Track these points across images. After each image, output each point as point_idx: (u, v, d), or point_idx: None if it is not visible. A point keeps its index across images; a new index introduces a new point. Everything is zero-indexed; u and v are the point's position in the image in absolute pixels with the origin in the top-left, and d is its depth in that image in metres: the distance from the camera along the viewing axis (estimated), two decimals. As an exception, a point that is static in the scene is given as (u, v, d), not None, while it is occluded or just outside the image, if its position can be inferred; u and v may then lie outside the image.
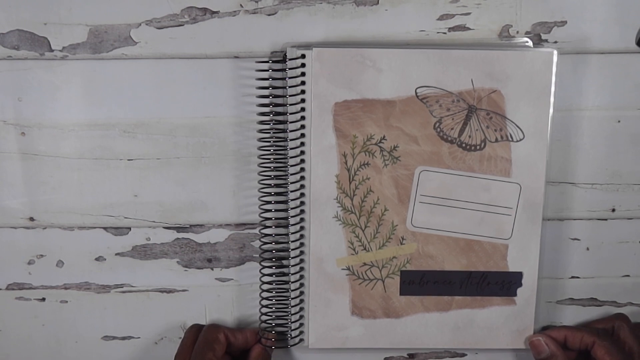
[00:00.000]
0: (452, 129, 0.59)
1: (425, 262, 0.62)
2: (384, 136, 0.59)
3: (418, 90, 0.58)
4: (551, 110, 0.59)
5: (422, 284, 0.62)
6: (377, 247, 0.61)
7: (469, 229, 0.61)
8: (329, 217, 0.60)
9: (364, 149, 0.59)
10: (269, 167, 0.60)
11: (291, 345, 0.63)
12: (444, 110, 0.59)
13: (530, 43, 0.59)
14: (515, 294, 0.62)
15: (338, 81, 0.58)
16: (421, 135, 0.59)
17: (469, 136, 0.59)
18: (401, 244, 0.61)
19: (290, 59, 0.58)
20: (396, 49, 0.58)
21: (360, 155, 0.59)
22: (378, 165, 0.60)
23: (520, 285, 0.62)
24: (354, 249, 0.61)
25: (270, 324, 0.63)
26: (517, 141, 0.59)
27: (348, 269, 0.62)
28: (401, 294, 0.62)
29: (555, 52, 0.58)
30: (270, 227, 0.62)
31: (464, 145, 0.59)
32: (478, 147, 0.59)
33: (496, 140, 0.59)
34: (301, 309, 0.62)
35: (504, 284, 0.62)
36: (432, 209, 0.61)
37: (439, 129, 0.59)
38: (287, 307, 0.63)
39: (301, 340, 0.63)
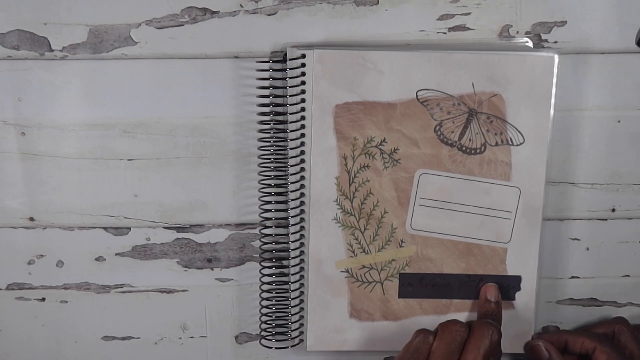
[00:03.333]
0: (452, 132, 0.59)
1: (424, 265, 0.61)
2: (385, 139, 0.59)
3: (419, 93, 0.58)
4: (552, 115, 0.59)
5: (420, 286, 0.62)
6: (376, 250, 0.61)
7: (468, 233, 0.61)
8: (328, 219, 0.60)
9: (364, 152, 0.59)
10: (269, 167, 0.60)
11: (291, 346, 0.63)
12: (444, 114, 0.59)
13: (530, 43, 0.59)
14: (514, 298, 0.62)
15: (339, 83, 0.58)
16: (421, 138, 0.59)
17: (470, 139, 0.59)
18: (400, 246, 0.61)
19: (290, 59, 0.58)
20: (397, 51, 0.58)
21: (361, 158, 0.59)
22: (378, 168, 0.60)
23: (519, 289, 0.62)
24: (353, 252, 0.61)
25: (271, 324, 0.63)
26: (517, 145, 0.59)
27: (347, 271, 0.61)
28: (400, 296, 0.62)
29: (556, 56, 0.58)
30: (270, 227, 0.62)
31: (464, 148, 0.59)
32: (478, 151, 0.59)
33: (496, 144, 0.59)
34: (301, 309, 0.62)
35: (502, 288, 0.61)
36: (431, 212, 0.60)
37: (439, 132, 0.59)
38: (287, 308, 0.63)
39: (301, 340, 0.63)
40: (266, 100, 0.59)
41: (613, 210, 0.63)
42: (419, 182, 0.60)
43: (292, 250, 0.61)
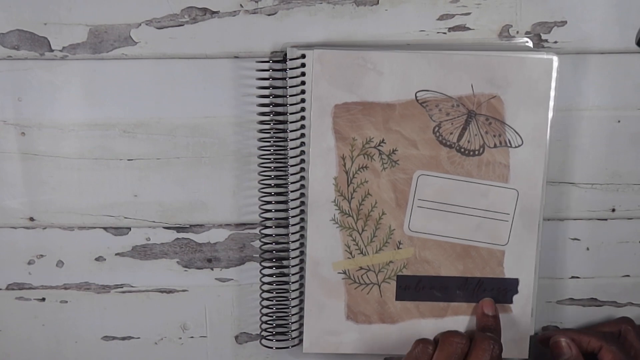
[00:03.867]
0: (451, 133, 0.59)
1: (422, 267, 0.61)
2: (383, 139, 0.59)
3: (418, 94, 0.58)
4: (550, 117, 0.58)
5: (418, 289, 0.61)
6: (374, 251, 0.61)
7: (466, 235, 0.60)
8: (326, 220, 0.60)
9: (362, 152, 0.59)
10: (269, 167, 0.60)
11: (291, 346, 0.63)
12: (443, 115, 0.58)
13: (530, 43, 0.59)
14: (511, 301, 0.61)
15: (338, 83, 0.58)
16: (420, 140, 0.59)
17: (468, 141, 0.59)
18: (398, 248, 0.60)
19: (290, 59, 0.58)
20: (397, 52, 0.58)
21: (359, 158, 0.59)
22: (376, 169, 0.59)
23: (517, 292, 0.61)
24: (351, 253, 0.61)
25: (271, 324, 0.63)
26: (516, 147, 0.59)
27: (344, 272, 0.61)
28: (397, 299, 0.61)
29: (555, 58, 0.57)
30: (270, 227, 0.62)
31: (462, 150, 0.59)
32: (477, 153, 0.59)
33: (495, 146, 0.59)
34: (301, 309, 0.62)
35: (500, 291, 0.61)
36: (429, 214, 0.60)
37: (438, 134, 0.59)
38: (288, 308, 0.62)
39: (301, 341, 0.63)
40: (266, 101, 0.59)
41: (613, 210, 0.63)
42: (417, 183, 0.59)
43: (292, 250, 0.61)
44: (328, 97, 0.58)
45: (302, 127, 0.59)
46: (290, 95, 0.58)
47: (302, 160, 0.60)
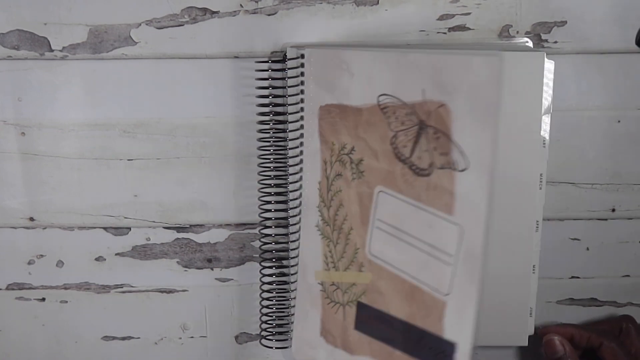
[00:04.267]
0: (405, 146, 0.50)
1: (377, 298, 0.53)
2: (354, 147, 0.53)
3: (380, 99, 0.51)
4: (498, 135, 0.45)
5: (372, 322, 0.53)
6: (344, 268, 0.55)
7: (413, 271, 0.50)
8: (312, 225, 0.57)
9: (338, 159, 0.55)
10: (269, 167, 0.60)
11: (291, 346, 0.63)
12: (399, 124, 0.50)
13: (530, 43, 0.59)
14: None
15: (322, 83, 0.55)
16: (380, 150, 0.52)
17: (419, 157, 0.49)
18: (360, 270, 0.54)
19: (289, 59, 0.58)
20: (363, 50, 0.52)
21: (336, 165, 0.55)
22: (348, 178, 0.54)
23: None
24: (327, 264, 0.56)
25: (271, 324, 0.63)
26: (461, 171, 0.47)
27: (321, 284, 0.57)
28: (355, 327, 0.55)
29: (501, 58, 0.45)
30: (270, 227, 0.62)
31: (414, 167, 0.50)
32: (426, 172, 0.49)
33: (442, 167, 0.48)
34: (300, 309, 0.62)
35: (438, 354, 0.49)
36: (385, 238, 0.52)
37: (394, 145, 0.51)
38: (287, 308, 0.62)
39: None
40: (266, 100, 0.59)
41: (613, 210, 0.63)
42: (377, 200, 0.52)
43: (292, 250, 0.61)
44: (315, 97, 0.56)
45: (302, 127, 0.59)
46: (290, 95, 0.58)
47: (302, 161, 0.60)
